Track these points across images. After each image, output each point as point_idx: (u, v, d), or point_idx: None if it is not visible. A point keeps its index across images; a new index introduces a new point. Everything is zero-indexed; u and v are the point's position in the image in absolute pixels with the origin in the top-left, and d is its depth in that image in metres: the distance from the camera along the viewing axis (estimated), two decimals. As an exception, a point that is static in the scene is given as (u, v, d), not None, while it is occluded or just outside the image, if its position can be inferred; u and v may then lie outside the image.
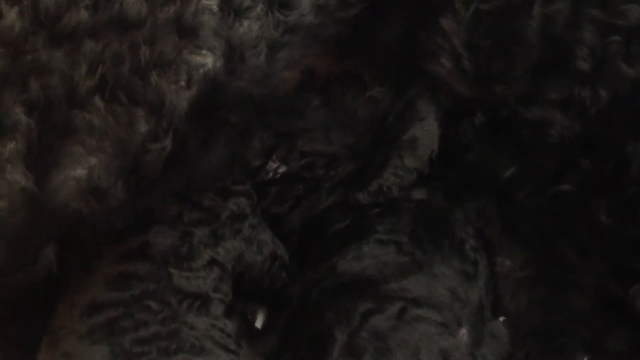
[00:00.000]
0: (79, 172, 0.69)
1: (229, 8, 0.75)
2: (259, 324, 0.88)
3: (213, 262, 0.81)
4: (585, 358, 0.86)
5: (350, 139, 0.97)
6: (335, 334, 0.78)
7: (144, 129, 0.71)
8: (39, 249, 0.71)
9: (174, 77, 0.71)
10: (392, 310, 0.79)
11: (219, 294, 0.79)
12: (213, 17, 0.73)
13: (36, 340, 0.77)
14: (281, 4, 0.79)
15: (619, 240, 0.87)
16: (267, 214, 0.92)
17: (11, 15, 0.68)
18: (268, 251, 0.86)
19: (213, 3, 0.74)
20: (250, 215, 0.86)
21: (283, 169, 0.94)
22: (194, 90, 0.72)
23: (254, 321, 0.88)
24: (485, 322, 0.85)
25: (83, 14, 0.69)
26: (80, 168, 0.69)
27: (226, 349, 0.76)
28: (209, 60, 0.73)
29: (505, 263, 0.92)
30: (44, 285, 0.79)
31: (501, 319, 0.88)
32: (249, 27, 0.75)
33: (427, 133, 0.94)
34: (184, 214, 0.82)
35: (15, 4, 0.68)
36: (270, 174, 0.93)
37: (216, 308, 0.78)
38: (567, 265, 0.90)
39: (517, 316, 0.90)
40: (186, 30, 0.72)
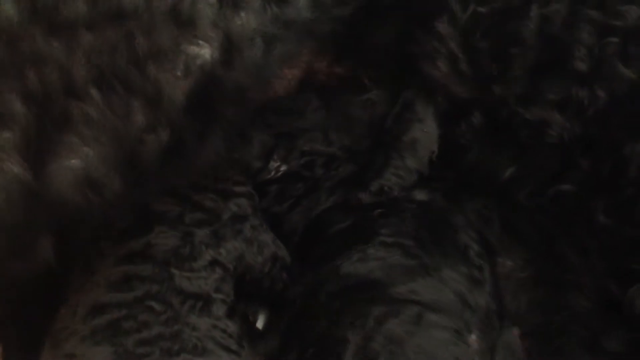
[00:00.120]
0: (75, 163, 0.68)
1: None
2: (260, 324, 0.88)
3: (215, 263, 0.81)
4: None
5: (348, 140, 0.97)
6: (349, 336, 0.77)
7: (140, 120, 0.70)
8: (36, 240, 0.71)
9: (170, 68, 0.71)
10: (408, 315, 0.79)
11: (220, 295, 0.79)
12: (211, 8, 0.73)
13: (38, 341, 0.77)
14: None
15: (617, 241, 0.87)
16: (268, 213, 0.92)
17: (8, 5, 0.67)
18: (269, 252, 0.86)
19: (211, -6, 0.73)
20: (251, 216, 0.86)
21: (284, 168, 0.94)
22: (190, 82, 0.72)
23: (255, 322, 0.88)
24: (493, 328, 0.85)
25: (80, 5, 0.69)
26: (77, 159, 0.68)
27: (228, 350, 0.76)
28: (206, 51, 0.73)
29: (506, 263, 0.92)
30: (46, 286, 0.79)
31: (514, 330, 0.87)
32: (246, 20, 0.75)
33: (427, 134, 0.94)
34: (185, 215, 0.82)
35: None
36: (272, 173, 0.93)
37: (218, 309, 0.78)
38: (567, 265, 0.90)
39: (518, 316, 0.90)
40: (183, 20, 0.71)
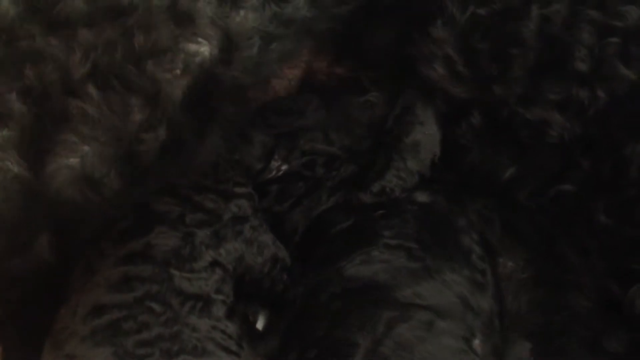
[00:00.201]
0: (73, 161, 0.68)
1: None
2: (260, 325, 0.88)
3: (215, 264, 0.80)
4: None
5: (349, 140, 0.97)
6: (358, 340, 0.76)
7: (138, 118, 0.70)
8: (35, 238, 0.71)
9: (169, 66, 0.71)
10: (418, 320, 0.78)
11: (220, 296, 0.79)
12: (210, 6, 0.73)
13: (38, 341, 0.77)
14: None
15: (618, 241, 0.87)
16: (269, 213, 0.92)
17: (6, 2, 0.67)
18: (269, 253, 0.86)
19: (209, -9, 0.73)
20: (252, 217, 0.86)
21: (285, 167, 0.94)
22: (189, 80, 0.72)
23: (255, 323, 0.88)
24: (496, 333, 0.84)
25: (79, 2, 0.69)
26: (74, 156, 0.68)
27: (228, 351, 0.76)
28: (205, 49, 0.72)
29: (507, 264, 0.92)
30: (46, 286, 0.79)
31: (526, 344, 0.87)
32: (245, 17, 0.75)
33: (429, 137, 0.94)
34: (186, 215, 0.81)
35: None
36: (273, 172, 0.93)
37: (218, 309, 0.78)
38: (567, 265, 0.90)
39: (519, 316, 0.89)
40: (182, 18, 0.71)
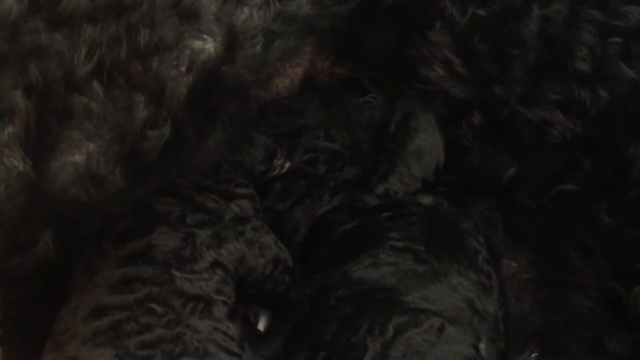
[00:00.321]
0: (77, 158, 0.68)
1: None
2: (261, 326, 0.87)
3: (216, 264, 0.80)
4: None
5: (350, 138, 0.97)
6: (367, 343, 0.76)
7: (142, 115, 0.70)
8: (37, 234, 0.70)
9: (174, 63, 0.70)
10: (429, 325, 0.78)
11: (221, 296, 0.79)
12: (214, 2, 0.72)
13: (38, 342, 0.76)
14: None
15: (621, 241, 0.87)
16: (271, 211, 0.91)
17: None
18: (271, 254, 0.86)
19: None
20: (253, 218, 0.86)
21: (288, 165, 0.93)
22: (193, 77, 0.71)
23: (257, 324, 0.87)
24: (501, 336, 0.84)
25: None
26: (79, 153, 0.68)
27: (229, 352, 0.75)
28: (209, 46, 0.72)
29: (510, 265, 0.92)
30: (46, 287, 0.79)
31: (533, 356, 0.87)
32: (250, 15, 0.75)
33: (432, 144, 0.94)
34: (187, 215, 0.81)
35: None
36: (277, 170, 0.93)
37: (219, 310, 0.78)
38: (570, 266, 0.90)
39: (522, 317, 0.89)
40: (187, 13, 0.71)
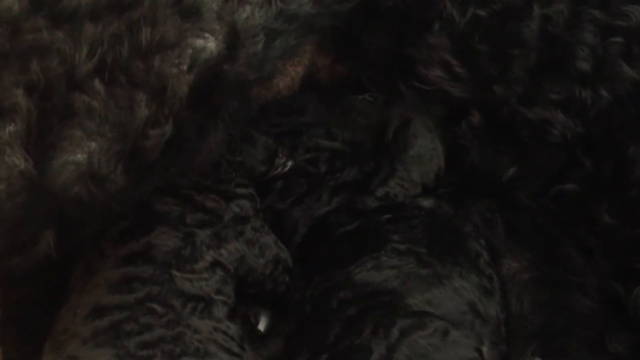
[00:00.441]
0: (79, 156, 0.67)
1: None
2: (262, 327, 0.87)
3: (216, 264, 0.80)
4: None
5: (350, 136, 0.97)
6: (372, 346, 0.76)
7: (144, 113, 0.69)
8: (38, 233, 0.70)
9: (176, 61, 0.70)
10: (433, 329, 0.78)
11: (221, 296, 0.78)
12: (216, 0, 0.72)
13: (38, 342, 0.76)
14: None
15: (621, 241, 0.87)
16: (271, 210, 0.91)
17: None
18: (271, 254, 0.85)
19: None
20: (253, 218, 0.85)
21: (290, 163, 0.93)
22: (195, 75, 0.71)
23: (257, 324, 0.87)
24: (503, 340, 0.84)
25: None
26: (80, 152, 0.68)
27: (230, 352, 0.75)
28: (211, 44, 0.72)
29: (511, 265, 0.92)
30: (46, 287, 0.78)
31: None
32: (252, 14, 0.74)
33: (432, 151, 0.94)
34: (187, 215, 0.81)
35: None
36: (279, 169, 0.93)
37: (219, 310, 0.77)
38: (570, 265, 0.90)
39: (522, 317, 0.89)
40: (189, 11, 0.71)
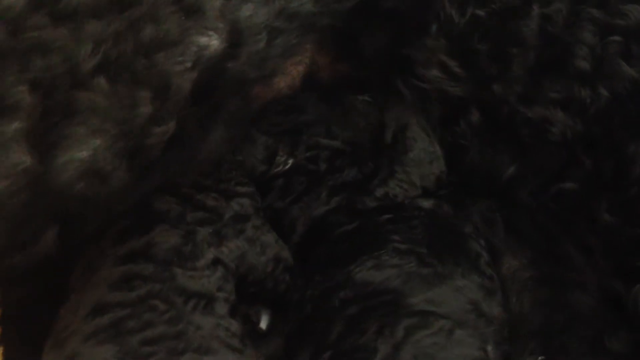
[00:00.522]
0: (83, 153, 0.67)
1: None
2: (263, 325, 0.87)
3: (217, 262, 0.80)
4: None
5: (350, 134, 0.97)
6: (377, 345, 0.76)
7: (148, 110, 0.69)
8: (41, 229, 0.70)
9: (180, 59, 0.70)
10: (439, 328, 0.78)
11: (223, 294, 0.78)
12: None
13: (38, 342, 0.76)
14: None
15: (621, 239, 0.87)
16: (271, 209, 0.91)
17: None
18: (272, 253, 0.85)
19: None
20: (254, 216, 0.85)
21: (291, 161, 0.93)
22: (198, 73, 0.71)
23: (258, 323, 0.87)
24: (506, 340, 0.83)
25: None
26: (84, 149, 0.67)
27: (232, 349, 0.75)
28: (214, 42, 0.72)
29: (511, 263, 0.92)
30: (47, 286, 0.78)
31: (540, 358, 0.86)
32: (255, 12, 0.75)
33: (433, 154, 0.95)
34: (187, 214, 0.81)
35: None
36: (280, 167, 0.93)
37: (221, 307, 0.77)
38: (570, 264, 0.90)
39: (522, 316, 0.89)
40: (191, 9, 0.71)
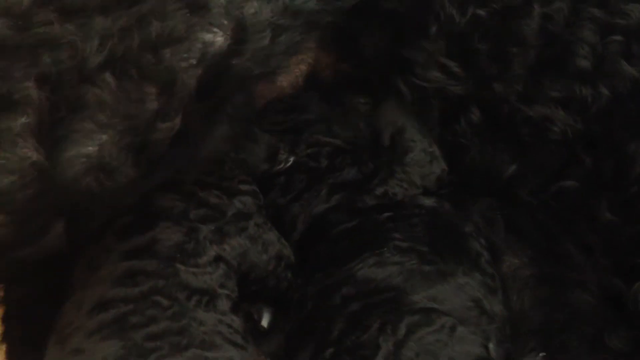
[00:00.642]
0: (90, 149, 0.68)
1: None
2: (265, 323, 0.87)
3: (219, 259, 0.80)
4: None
5: (350, 133, 0.97)
6: (379, 342, 0.76)
7: (154, 106, 0.70)
8: (48, 224, 0.71)
9: (186, 55, 0.71)
10: (441, 325, 0.78)
11: (225, 290, 0.79)
12: None
13: (41, 341, 0.76)
14: None
15: (621, 238, 0.87)
16: (273, 206, 0.91)
17: None
18: (274, 250, 0.86)
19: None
20: (256, 214, 0.86)
21: (292, 158, 0.94)
22: (203, 69, 0.72)
23: (260, 321, 0.87)
24: (507, 337, 0.84)
25: None
26: (91, 144, 0.68)
27: (235, 345, 0.75)
28: (219, 38, 0.72)
29: (512, 262, 0.92)
30: (49, 285, 0.78)
31: (541, 355, 0.86)
32: (259, 10, 0.75)
33: (432, 154, 0.95)
34: (190, 211, 0.81)
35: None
36: (282, 164, 0.93)
37: (223, 304, 0.77)
38: (570, 262, 0.90)
39: (522, 314, 0.89)
40: (197, 6, 0.71)
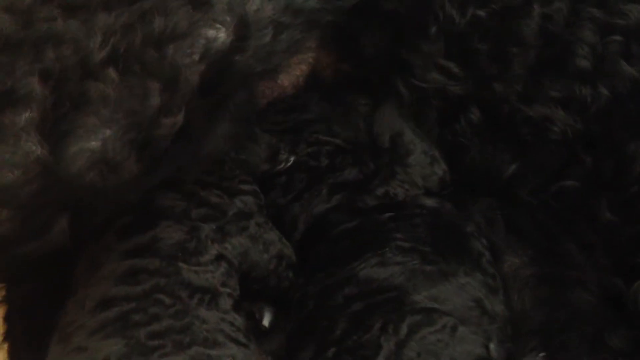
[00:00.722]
0: (93, 144, 0.68)
1: None
2: (266, 322, 0.87)
3: (220, 257, 0.80)
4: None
5: (350, 132, 0.98)
6: (381, 341, 0.76)
7: (157, 102, 0.70)
8: (52, 219, 0.71)
9: (189, 51, 0.71)
10: (442, 325, 0.78)
11: (227, 289, 0.79)
12: None
13: (43, 339, 0.76)
14: None
15: (621, 237, 0.87)
16: (273, 207, 0.92)
17: None
18: (275, 250, 0.86)
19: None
20: (257, 214, 0.86)
21: (293, 158, 0.94)
22: (206, 65, 0.72)
23: (261, 320, 0.87)
24: (508, 338, 0.84)
25: None
26: (95, 139, 0.68)
27: (237, 342, 0.75)
28: (222, 35, 0.73)
29: (512, 261, 0.92)
30: (52, 284, 0.79)
31: (541, 355, 0.86)
32: (261, 6, 0.75)
33: (432, 156, 0.95)
34: (191, 210, 0.81)
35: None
36: (282, 164, 0.93)
37: (225, 302, 0.78)
38: (571, 262, 0.90)
39: (523, 314, 0.89)
40: (199, 2, 0.72)
